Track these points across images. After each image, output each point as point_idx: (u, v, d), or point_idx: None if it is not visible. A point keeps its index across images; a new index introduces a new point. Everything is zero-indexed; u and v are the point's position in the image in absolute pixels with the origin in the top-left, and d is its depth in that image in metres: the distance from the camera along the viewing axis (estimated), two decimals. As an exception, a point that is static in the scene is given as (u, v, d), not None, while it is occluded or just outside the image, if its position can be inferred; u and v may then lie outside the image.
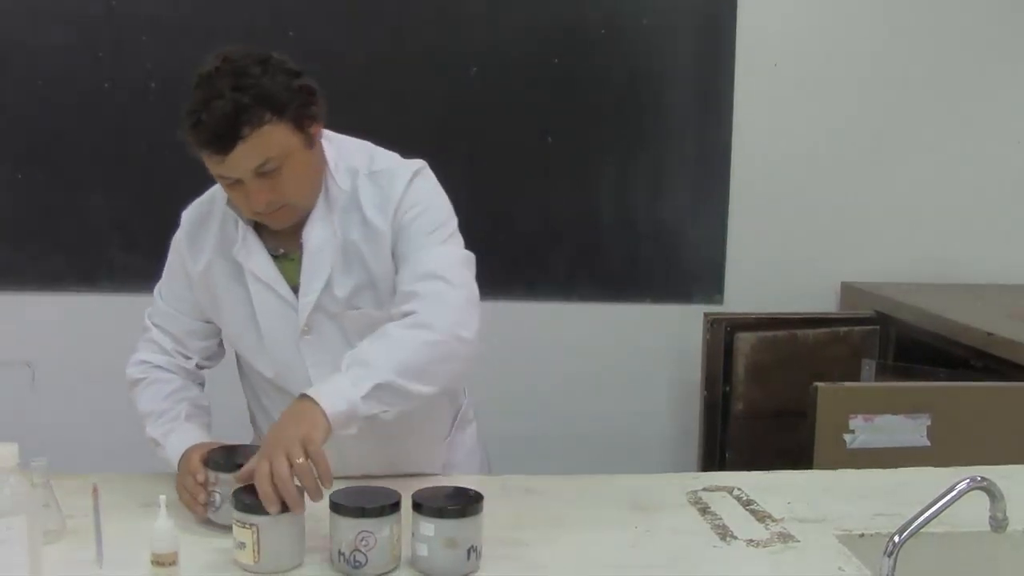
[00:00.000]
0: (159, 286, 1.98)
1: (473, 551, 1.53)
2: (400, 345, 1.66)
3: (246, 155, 1.67)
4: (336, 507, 1.52)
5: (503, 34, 3.54)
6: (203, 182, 1.86)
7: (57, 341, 3.30)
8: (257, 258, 1.84)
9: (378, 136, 1.91)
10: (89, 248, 3.47)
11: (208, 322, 1.96)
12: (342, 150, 1.85)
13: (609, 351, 3.68)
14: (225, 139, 1.66)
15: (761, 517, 1.79)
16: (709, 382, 3.35)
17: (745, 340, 3.21)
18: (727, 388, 3.26)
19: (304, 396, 1.60)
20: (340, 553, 1.52)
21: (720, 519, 1.78)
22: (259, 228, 1.84)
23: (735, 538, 1.70)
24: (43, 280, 3.45)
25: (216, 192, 1.88)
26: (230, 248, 1.85)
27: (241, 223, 1.83)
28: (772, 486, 1.94)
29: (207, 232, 1.89)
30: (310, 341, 1.84)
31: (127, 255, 3.40)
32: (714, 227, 3.68)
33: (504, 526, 1.67)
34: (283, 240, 1.84)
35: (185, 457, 1.75)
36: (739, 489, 1.92)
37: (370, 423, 1.64)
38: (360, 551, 1.51)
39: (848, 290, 3.72)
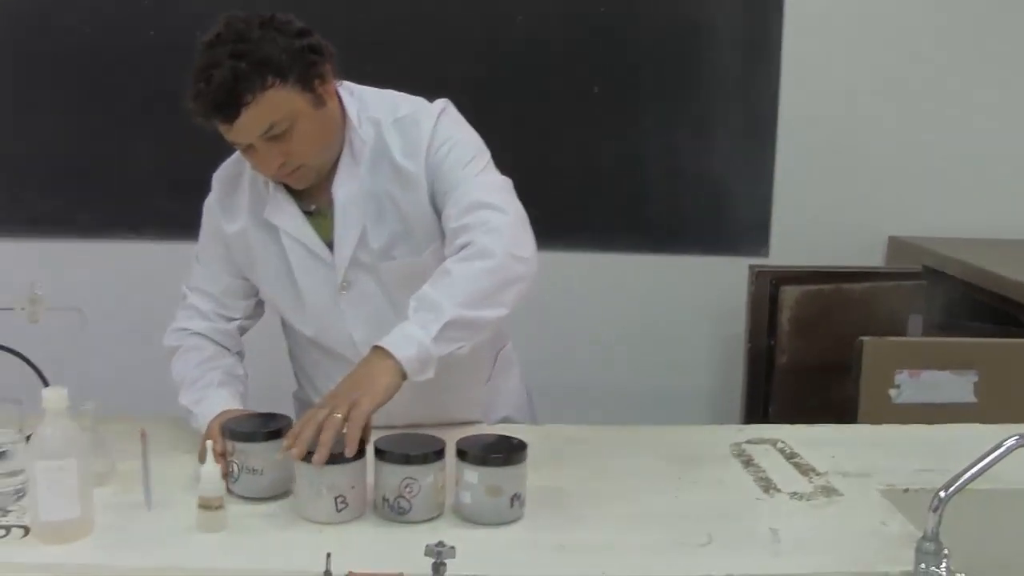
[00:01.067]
0: (196, 251, 1.97)
1: (516, 499, 1.54)
2: (461, 278, 1.65)
3: (251, 121, 1.67)
4: (381, 454, 1.53)
5: (549, -18, 3.50)
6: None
7: (106, 288, 3.33)
8: (289, 217, 1.83)
9: (421, 86, 1.90)
10: (136, 196, 3.49)
11: (246, 279, 1.95)
12: (364, 102, 1.84)
13: (652, 303, 3.66)
14: (228, 107, 1.66)
15: (805, 470, 1.79)
16: (753, 335, 3.32)
17: (790, 293, 3.18)
18: (771, 341, 3.23)
19: (377, 348, 1.60)
20: (384, 499, 1.54)
21: (763, 472, 1.77)
22: (289, 186, 1.83)
23: (778, 491, 1.70)
24: (91, 228, 3.48)
25: None
26: (262, 209, 1.85)
27: (271, 182, 1.82)
28: (816, 440, 1.93)
29: (239, 193, 1.89)
30: (348, 297, 1.85)
31: (173, 203, 3.40)
32: (760, 179, 3.63)
33: (547, 475, 1.68)
34: (314, 196, 1.84)
35: (209, 425, 1.73)
36: (783, 442, 1.91)
37: (445, 362, 1.63)
38: (404, 497, 1.52)
39: (895, 244, 3.67)
